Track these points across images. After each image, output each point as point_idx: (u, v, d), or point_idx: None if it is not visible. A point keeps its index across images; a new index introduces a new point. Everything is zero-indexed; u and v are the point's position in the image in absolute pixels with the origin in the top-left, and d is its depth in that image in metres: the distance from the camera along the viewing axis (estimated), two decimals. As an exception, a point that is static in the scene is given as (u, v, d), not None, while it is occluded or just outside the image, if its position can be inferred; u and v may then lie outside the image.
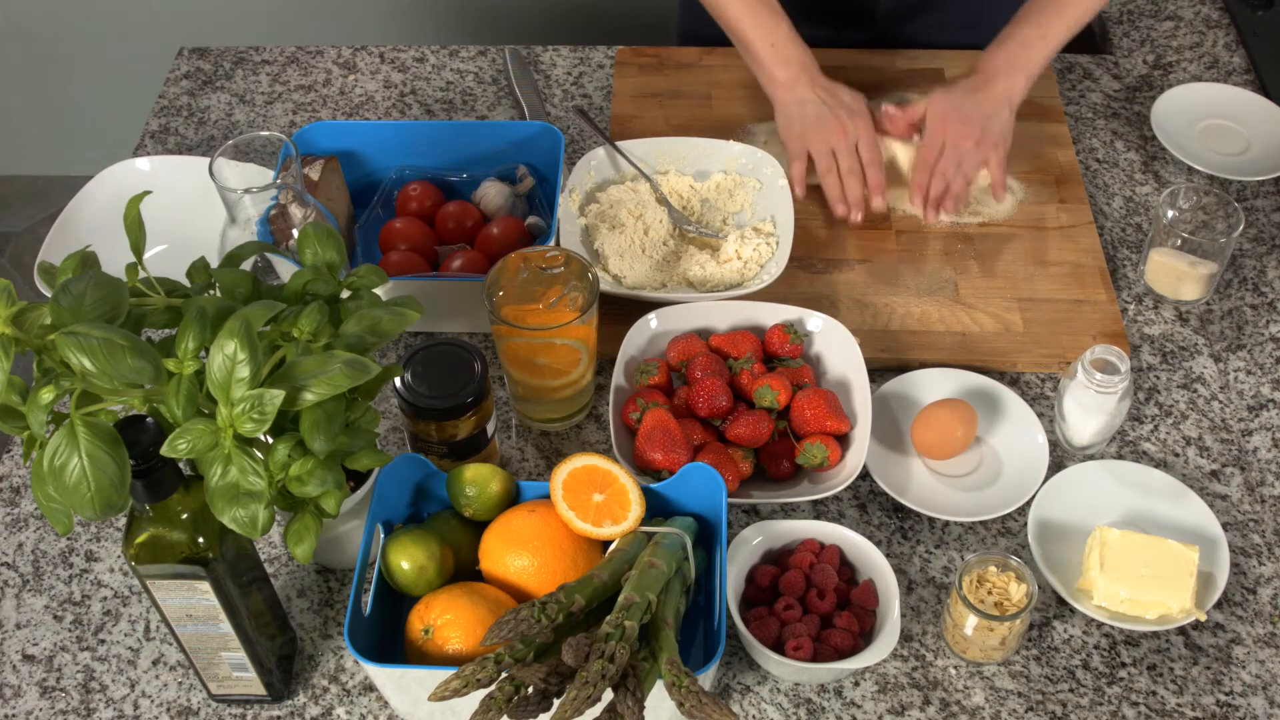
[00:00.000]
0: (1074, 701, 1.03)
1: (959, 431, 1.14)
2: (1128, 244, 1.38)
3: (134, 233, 0.95)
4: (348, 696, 1.04)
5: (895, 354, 1.26)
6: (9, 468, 1.21)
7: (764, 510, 1.15)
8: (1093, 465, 1.16)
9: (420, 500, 1.06)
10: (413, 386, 1.07)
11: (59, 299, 0.83)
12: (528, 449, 1.21)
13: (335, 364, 0.87)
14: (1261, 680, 1.04)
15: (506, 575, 1.00)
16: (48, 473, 0.82)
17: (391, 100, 1.57)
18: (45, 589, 1.12)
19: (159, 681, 1.06)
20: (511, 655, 0.86)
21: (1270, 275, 1.35)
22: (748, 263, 1.30)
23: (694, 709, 0.83)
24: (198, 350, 0.85)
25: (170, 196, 1.30)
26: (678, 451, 1.09)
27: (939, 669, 1.05)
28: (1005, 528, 1.14)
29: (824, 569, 1.05)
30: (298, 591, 1.11)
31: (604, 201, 1.37)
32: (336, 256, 0.99)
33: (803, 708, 1.03)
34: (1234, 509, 1.15)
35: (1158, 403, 1.23)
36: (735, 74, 1.54)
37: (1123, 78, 1.58)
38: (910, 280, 1.33)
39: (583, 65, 1.60)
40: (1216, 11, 1.66)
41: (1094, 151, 1.48)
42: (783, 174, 1.37)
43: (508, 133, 1.36)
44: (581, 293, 1.12)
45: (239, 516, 0.85)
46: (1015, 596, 1.01)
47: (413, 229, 1.32)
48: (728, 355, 1.19)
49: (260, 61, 1.63)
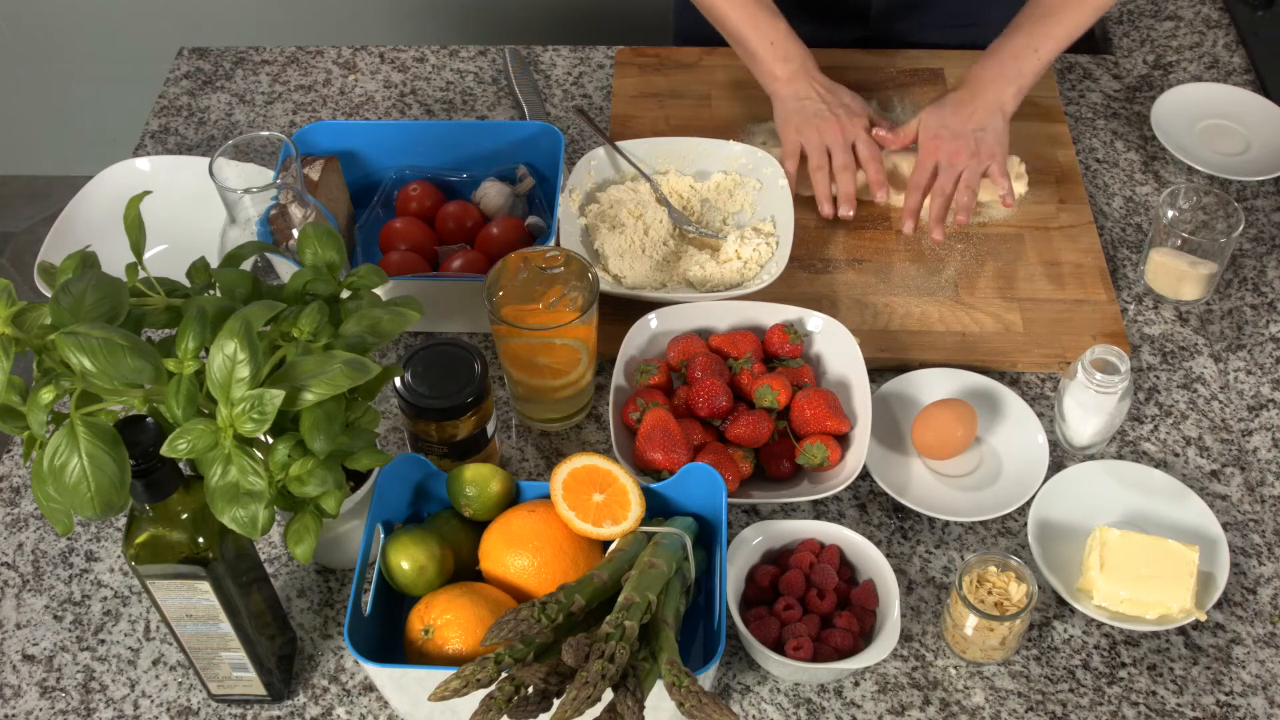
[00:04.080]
0: (1074, 701, 1.03)
1: (959, 431, 1.14)
2: (1128, 244, 1.38)
3: (134, 233, 0.95)
4: (348, 696, 1.04)
5: (895, 354, 1.26)
6: (9, 468, 1.21)
7: (764, 510, 1.15)
8: (1093, 465, 1.16)
9: (420, 500, 1.06)
10: (413, 386, 1.07)
11: (59, 299, 0.83)
12: (528, 449, 1.21)
13: (335, 364, 0.87)
14: (1261, 680, 1.04)
15: (506, 575, 1.00)
16: (48, 473, 0.82)
17: (391, 100, 1.57)
18: (45, 589, 1.12)
19: (159, 681, 1.06)
20: (511, 655, 0.86)
21: (1270, 275, 1.35)
22: (748, 263, 1.30)
23: (694, 709, 0.83)
24: (198, 350, 0.85)
25: (170, 196, 1.29)
26: (678, 451, 1.09)
27: (939, 669, 1.05)
28: (1005, 528, 1.14)
29: (824, 569, 1.05)
30: (298, 591, 1.11)
31: (604, 201, 1.37)
32: (336, 256, 0.99)
33: (803, 708, 1.03)
34: (1234, 509, 1.15)
35: (1158, 403, 1.23)
36: (735, 74, 1.54)
37: (1123, 78, 1.58)
38: (910, 280, 1.33)
39: (583, 65, 1.60)
40: (1216, 11, 1.66)
41: (1094, 151, 1.48)
42: (783, 174, 1.37)
43: (508, 133, 1.36)
44: (581, 293, 1.12)
45: (239, 516, 0.85)
46: (1015, 596, 1.02)
47: (413, 229, 1.32)
48: (728, 355, 1.19)
49: (260, 61, 1.63)
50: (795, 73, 1.40)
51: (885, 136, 1.39)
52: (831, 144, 1.36)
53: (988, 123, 1.34)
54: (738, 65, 1.52)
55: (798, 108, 1.39)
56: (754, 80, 1.44)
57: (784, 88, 1.40)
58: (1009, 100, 1.35)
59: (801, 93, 1.39)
